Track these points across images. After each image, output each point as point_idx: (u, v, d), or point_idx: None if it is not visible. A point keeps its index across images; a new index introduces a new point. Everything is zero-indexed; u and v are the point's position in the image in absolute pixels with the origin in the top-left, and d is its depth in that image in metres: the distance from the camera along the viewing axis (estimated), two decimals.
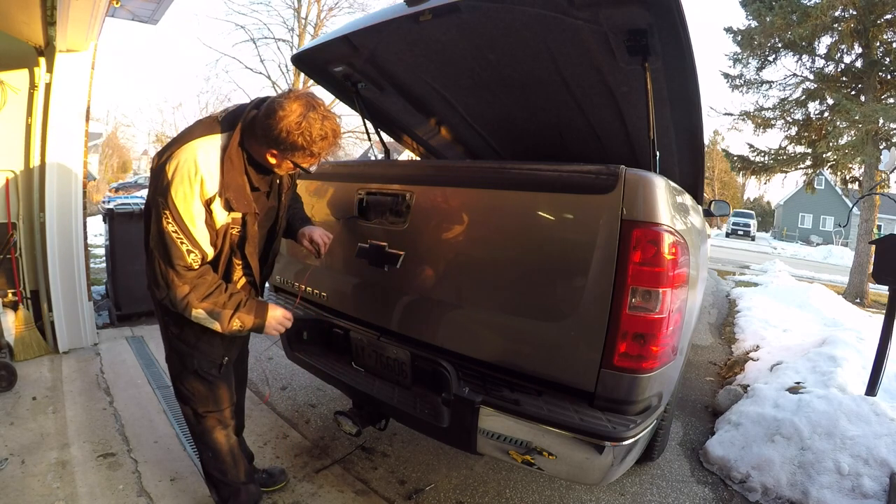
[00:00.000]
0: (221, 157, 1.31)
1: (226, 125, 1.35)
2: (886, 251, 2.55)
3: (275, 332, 1.47)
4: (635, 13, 1.56)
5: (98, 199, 12.65)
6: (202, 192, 1.28)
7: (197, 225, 1.29)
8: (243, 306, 1.39)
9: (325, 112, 1.28)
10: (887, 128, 7.86)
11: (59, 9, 2.42)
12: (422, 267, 1.69)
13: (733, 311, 5.73)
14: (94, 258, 5.98)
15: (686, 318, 1.51)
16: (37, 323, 3.05)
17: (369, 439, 2.32)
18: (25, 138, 3.03)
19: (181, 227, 1.27)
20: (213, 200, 1.30)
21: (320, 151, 1.32)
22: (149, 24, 4.24)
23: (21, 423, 2.23)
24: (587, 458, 1.27)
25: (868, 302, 8.00)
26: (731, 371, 3.63)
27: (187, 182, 1.27)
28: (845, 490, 1.97)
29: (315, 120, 1.25)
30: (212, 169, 1.30)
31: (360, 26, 2.07)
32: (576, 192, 1.35)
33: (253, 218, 1.41)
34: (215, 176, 1.30)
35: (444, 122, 3.08)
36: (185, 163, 1.27)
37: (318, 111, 1.26)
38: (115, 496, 1.79)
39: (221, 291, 1.37)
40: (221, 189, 1.31)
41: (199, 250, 1.31)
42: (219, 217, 1.33)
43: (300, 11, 17.83)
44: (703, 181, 2.51)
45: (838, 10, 7.76)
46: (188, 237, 1.29)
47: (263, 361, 3.22)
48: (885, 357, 2.52)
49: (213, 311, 1.34)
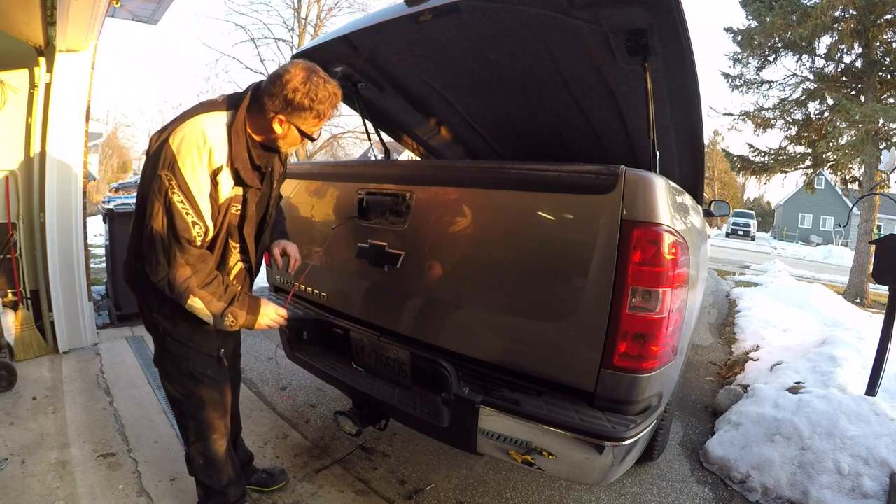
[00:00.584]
0: (228, 131, 1.33)
1: (230, 104, 1.37)
2: (886, 251, 2.55)
3: (266, 328, 1.46)
4: (635, 13, 1.56)
5: (98, 199, 12.66)
6: (210, 162, 1.29)
7: (203, 195, 1.29)
8: (237, 301, 1.37)
9: (325, 77, 1.34)
10: (887, 128, 7.86)
11: (59, 9, 2.42)
12: (422, 267, 1.69)
13: (733, 311, 5.73)
14: (94, 258, 5.98)
15: (686, 318, 1.51)
16: (37, 323, 3.05)
17: (369, 439, 2.32)
18: (25, 138, 3.03)
19: (188, 198, 1.26)
20: (219, 171, 1.31)
21: (325, 112, 1.35)
22: (149, 24, 4.25)
23: (21, 423, 2.23)
24: (587, 458, 1.27)
25: (868, 302, 8.00)
26: (731, 371, 3.62)
27: (196, 151, 1.27)
28: (845, 490, 1.97)
29: (319, 81, 1.31)
30: (219, 140, 1.31)
31: (360, 26, 2.07)
32: (576, 191, 1.35)
33: (254, 196, 1.42)
34: (223, 147, 1.31)
35: (444, 122, 3.09)
36: (191, 134, 1.28)
37: (319, 75, 1.33)
38: (115, 496, 1.79)
39: (219, 283, 1.36)
40: (230, 159, 1.32)
41: (203, 223, 1.31)
42: (223, 190, 1.33)
43: (300, 11, 17.83)
44: (703, 181, 2.51)
45: (838, 10, 7.76)
46: (194, 208, 1.28)
47: (263, 361, 3.22)
48: (885, 357, 2.52)
49: (210, 301, 1.32)
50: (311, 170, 2.27)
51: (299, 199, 2.22)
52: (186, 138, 1.27)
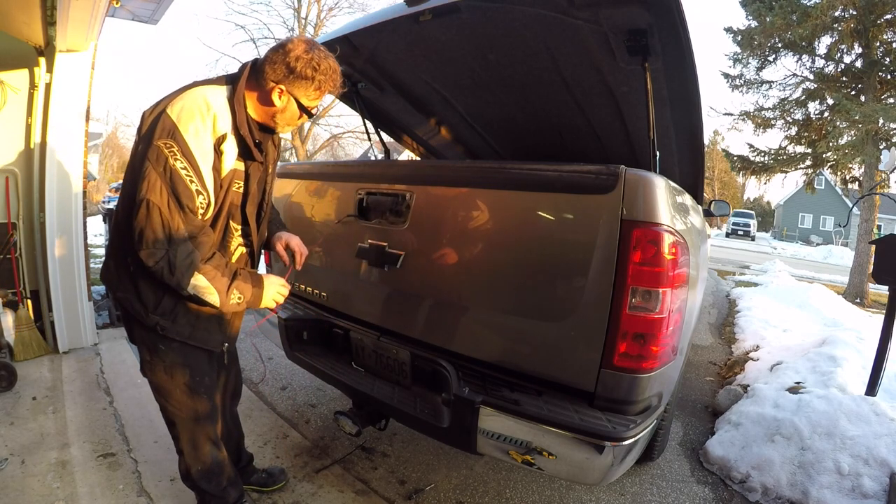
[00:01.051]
0: (230, 101, 1.29)
1: (229, 79, 1.34)
2: (886, 251, 2.55)
3: (273, 303, 1.40)
4: (635, 13, 1.56)
5: (98, 199, 12.66)
6: (214, 129, 1.24)
7: (207, 163, 1.23)
8: (240, 275, 1.30)
9: (326, 51, 1.33)
10: (887, 128, 7.87)
11: (59, 9, 2.42)
12: (422, 267, 1.69)
13: (733, 311, 5.74)
14: (94, 258, 5.98)
15: (686, 318, 1.51)
16: (37, 323, 3.05)
17: (369, 439, 2.32)
18: (25, 138, 3.03)
19: (191, 163, 1.19)
20: (223, 140, 1.26)
21: (325, 85, 1.33)
22: (149, 24, 4.24)
23: (21, 423, 2.23)
24: (587, 458, 1.27)
25: (868, 302, 8.00)
26: (731, 371, 3.63)
27: (199, 117, 1.21)
28: (845, 490, 1.97)
29: (321, 53, 1.31)
30: (222, 108, 1.27)
31: (360, 26, 2.07)
32: (576, 192, 1.35)
33: (256, 172, 1.38)
34: (227, 114, 1.27)
35: (444, 122, 3.09)
36: (193, 102, 1.23)
37: (320, 48, 1.32)
38: (115, 496, 1.79)
39: (220, 257, 1.29)
40: (234, 127, 1.28)
41: (206, 193, 1.24)
42: (227, 161, 1.28)
43: (300, 11, 17.85)
44: (703, 181, 2.51)
45: (838, 10, 7.77)
46: (197, 176, 1.20)
47: (263, 361, 3.22)
48: (885, 357, 2.52)
49: (215, 276, 1.24)
50: (311, 170, 2.27)
51: (299, 199, 2.22)
52: (188, 106, 1.22)
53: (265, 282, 1.37)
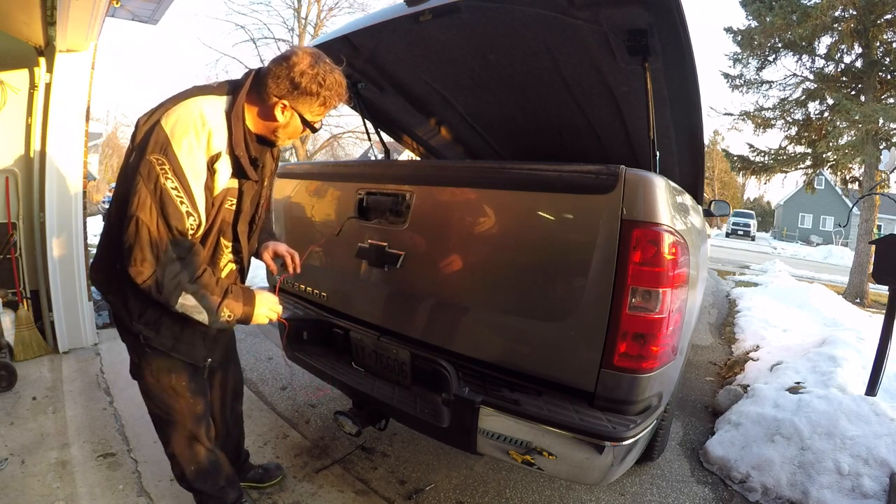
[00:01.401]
0: (227, 116, 1.24)
1: (230, 88, 1.29)
2: (886, 251, 2.55)
3: (265, 319, 1.36)
4: (635, 13, 1.56)
5: (98, 199, 12.66)
6: (209, 147, 1.19)
7: (199, 183, 1.19)
8: (231, 293, 1.26)
9: (332, 64, 1.30)
10: (887, 128, 7.87)
11: (59, 9, 2.42)
12: (422, 267, 1.69)
13: (733, 311, 5.73)
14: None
15: (686, 318, 1.51)
16: (37, 323, 3.05)
17: (369, 439, 2.31)
18: (25, 138, 3.03)
19: (182, 184, 1.15)
20: (217, 158, 1.22)
21: (330, 100, 1.29)
22: (149, 24, 4.24)
23: (21, 423, 2.23)
24: (587, 458, 1.27)
25: (868, 302, 8.00)
26: (731, 371, 3.62)
27: (193, 133, 1.17)
28: (845, 490, 1.97)
29: (326, 66, 1.27)
30: (219, 124, 1.22)
31: (360, 26, 2.07)
32: (576, 192, 1.35)
33: (250, 189, 1.34)
34: (223, 132, 1.22)
35: (444, 122, 3.09)
36: (188, 115, 1.18)
37: (326, 61, 1.28)
38: (115, 496, 1.79)
39: (210, 275, 1.24)
40: (230, 146, 1.23)
41: (197, 215, 1.20)
42: (220, 180, 1.24)
43: (300, 11, 17.84)
44: (703, 181, 2.51)
45: (838, 10, 7.77)
46: (188, 197, 1.17)
47: (263, 361, 3.22)
48: (885, 357, 2.52)
49: (204, 295, 1.20)
50: (311, 170, 2.27)
51: (299, 199, 2.22)
52: (182, 119, 1.17)
53: (257, 299, 1.33)
